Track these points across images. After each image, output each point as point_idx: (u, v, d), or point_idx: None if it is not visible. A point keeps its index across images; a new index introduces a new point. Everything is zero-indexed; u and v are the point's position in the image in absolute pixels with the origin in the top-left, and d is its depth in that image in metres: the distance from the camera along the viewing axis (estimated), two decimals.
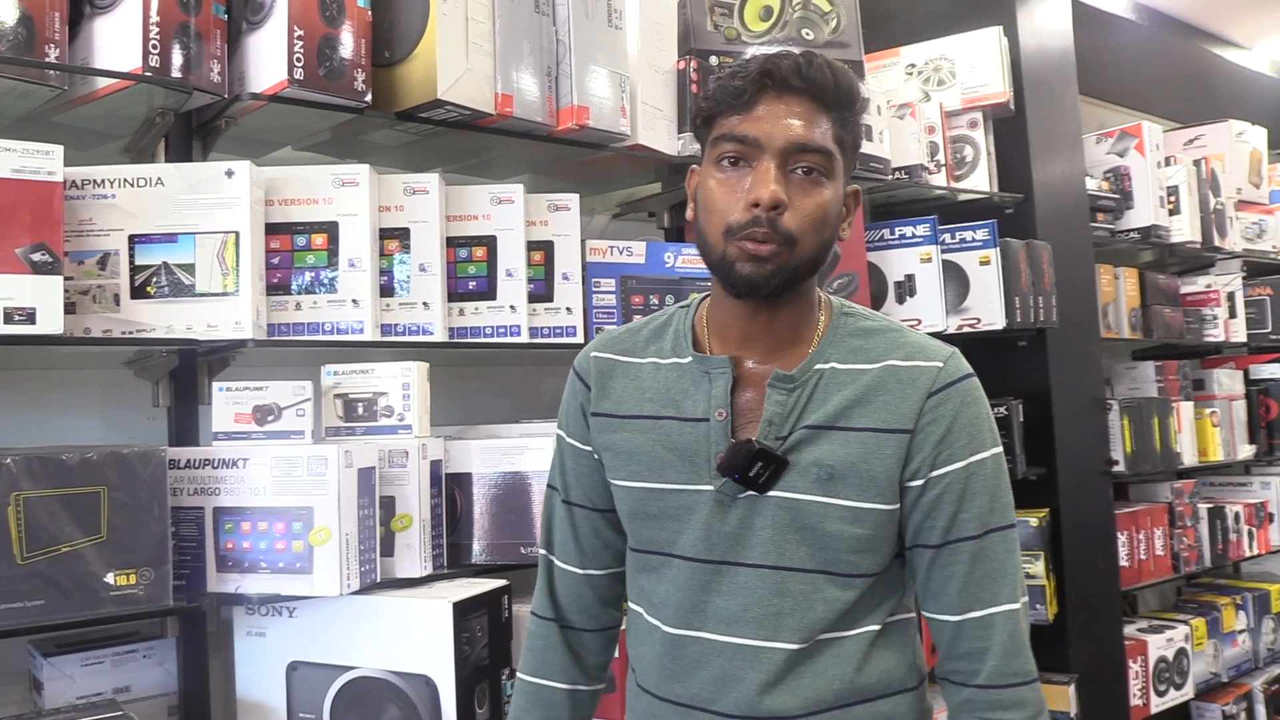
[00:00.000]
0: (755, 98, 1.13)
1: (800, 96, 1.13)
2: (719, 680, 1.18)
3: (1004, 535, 1.18)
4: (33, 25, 1.54)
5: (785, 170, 1.12)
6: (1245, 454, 3.78)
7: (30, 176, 1.50)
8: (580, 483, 1.33)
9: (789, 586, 1.16)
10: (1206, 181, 3.68)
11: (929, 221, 2.56)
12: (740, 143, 1.13)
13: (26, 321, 1.49)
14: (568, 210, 2.09)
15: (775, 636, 1.16)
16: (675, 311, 1.31)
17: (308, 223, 1.82)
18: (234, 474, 1.66)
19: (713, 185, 1.16)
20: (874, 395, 1.17)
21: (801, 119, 1.13)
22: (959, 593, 1.16)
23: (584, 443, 1.32)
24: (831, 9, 2.57)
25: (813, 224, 1.13)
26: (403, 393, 1.80)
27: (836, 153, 1.15)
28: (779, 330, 1.21)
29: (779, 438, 1.16)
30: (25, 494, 1.48)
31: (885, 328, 1.23)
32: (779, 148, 1.12)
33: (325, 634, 1.69)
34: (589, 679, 1.37)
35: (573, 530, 1.35)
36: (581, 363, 1.33)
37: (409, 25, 1.86)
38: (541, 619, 1.37)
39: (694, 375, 1.22)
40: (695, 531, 1.19)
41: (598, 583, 1.36)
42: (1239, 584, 3.90)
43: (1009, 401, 2.74)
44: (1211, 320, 3.78)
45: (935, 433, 1.16)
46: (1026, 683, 1.16)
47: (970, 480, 1.16)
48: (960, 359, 1.21)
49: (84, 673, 1.66)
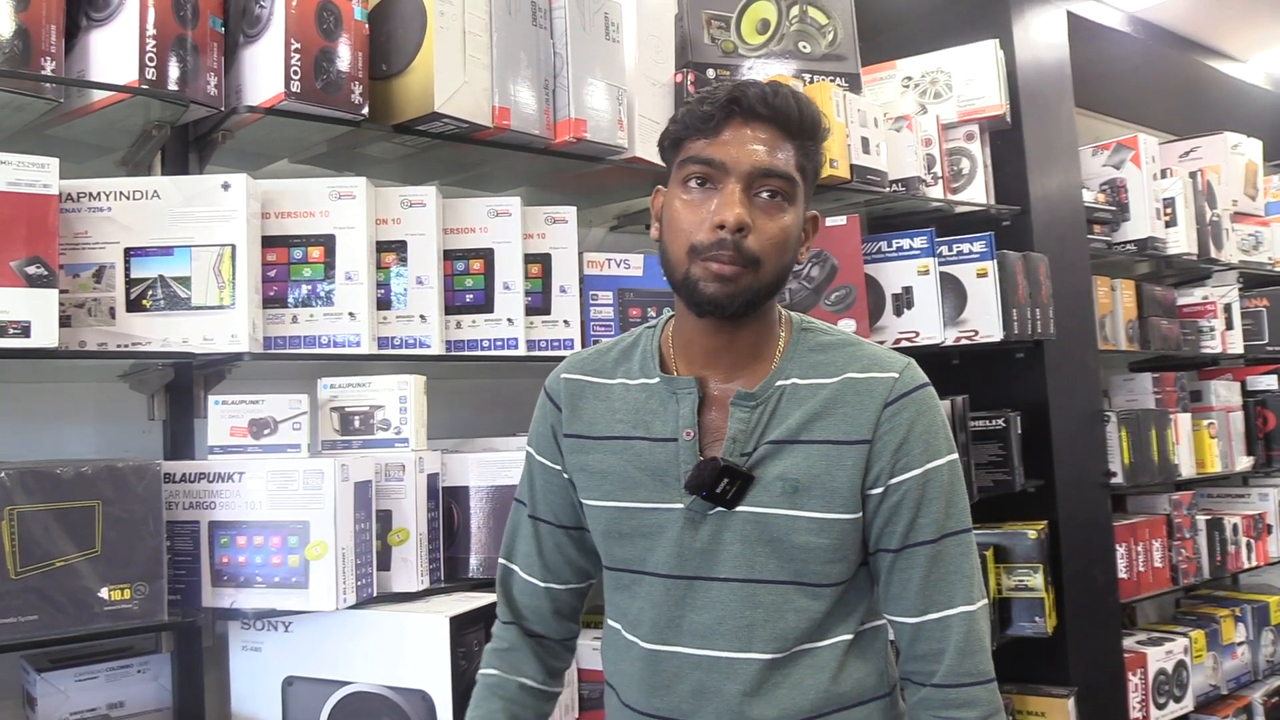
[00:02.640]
0: (722, 123, 1.17)
1: (766, 124, 1.17)
2: (698, 693, 1.22)
3: (959, 539, 1.21)
4: (29, 38, 1.54)
5: (749, 194, 1.17)
6: (1243, 465, 3.77)
7: (26, 189, 1.50)
8: (548, 500, 1.37)
9: (760, 598, 1.20)
10: (1202, 193, 3.69)
11: (926, 234, 2.56)
12: (707, 165, 1.17)
13: (21, 335, 1.48)
14: (565, 223, 2.09)
15: (750, 648, 1.20)
16: (642, 332, 1.34)
17: (304, 235, 1.81)
18: (229, 488, 1.66)
19: (679, 206, 1.19)
20: (833, 408, 1.21)
21: (766, 145, 1.17)
22: (917, 595, 1.20)
23: (553, 462, 1.36)
24: (828, 22, 2.58)
25: (775, 247, 1.17)
26: (400, 406, 1.80)
27: (799, 179, 1.20)
28: (741, 348, 1.24)
29: (744, 454, 1.20)
30: (19, 508, 1.47)
31: (843, 342, 1.27)
32: (744, 172, 1.16)
33: (321, 649, 1.68)
34: (548, 678, 1.40)
35: (537, 545, 1.39)
36: (552, 384, 1.37)
37: (406, 38, 1.86)
38: (506, 624, 1.41)
39: (661, 396, 1.26)
40: (667, 549, 1.23)
41: (557, 595, 1.40)
42: (1238, 596, 3.90)
43: (1007, 413, 2.74)
44: (1208, 332, 3.78)
45: (892, 441, 1.19)
46: (981, 682, 1.19)
47: (927, 486, 1.20)
48: (915, 369, 1.25)
49: (78, 688, 1.65)
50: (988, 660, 1.20)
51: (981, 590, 1.22)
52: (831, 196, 2.57)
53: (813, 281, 2.45)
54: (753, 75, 2.47)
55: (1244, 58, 4.10)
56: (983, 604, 1.21)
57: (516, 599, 1.40)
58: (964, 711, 1.18)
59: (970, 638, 1.19)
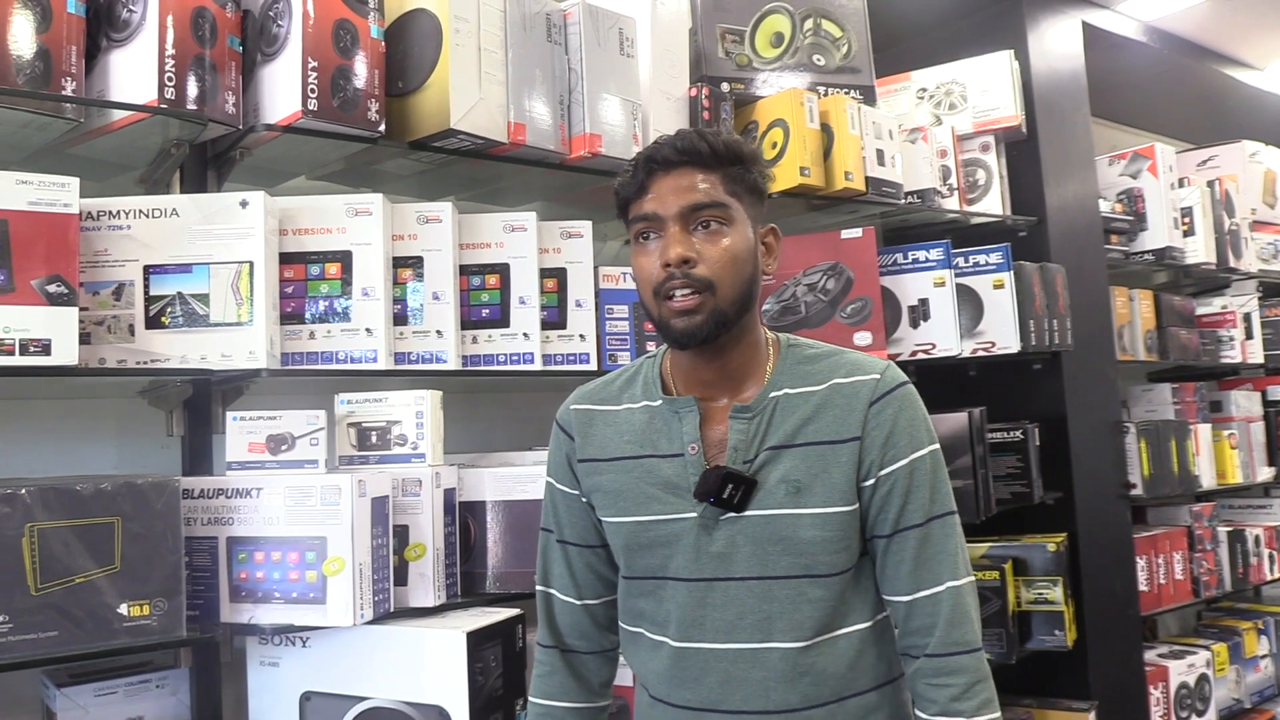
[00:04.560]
0: (646, 181, 1.30)
1: (682, 167, 1.29)
2: (725, 683, 1.31)
3: (944, 521, 1.32)
4: (50, 59, 1.56)
5: (688, 230, 1.29)
6: (1265, 476, 3.73)
7: (46, 209, 1.52)
8: (572, 524, 1.46)
9: (775, 593, 1.29)
10: (1220, 202, 3.66)
11: (942, 245, 2.56)
12: (647, 220, 1.30)
13: (42, 353, 1.50)
14: (580, 237, 2.09)
15: (770, 638, 1.29)
16: (644, 362, 1.45)
17: (321, 252, 1.82)
18: (247, 504, 1.66)
19: (638, 260, 1.32)
20: (823, 412, 1.32)
21: (688, 184, 1.29)
22: (909, 575, 1.31)
23: (571, 488, 1.44)
24: (842, 35, 2.58)
25: (724, 266, 1.28)
26: (416, 421, 1.80)
27: (732, 202, 1.30)
28: (732, 371, 1.35)
29: (746, 461, 1.31)
30: (39, 525, 1.48)
31: (828, 353, 1.38)
32: (675, 213, 1.28)
33: (339, 664, 1.68)
34: (593, 696, 1.49)
35: (568, 566, 1.47)
36: (563, 416, 1.46)
37: (422, 55, 1.87)
38: (546, 648, 1.49)
39: (665, 416, 1.36)
40: (685, 555, 1.32)
41: (595, 610, 1.48)
42: (1260, 608, 3.86)
43: (1025, 425, 2.72)
44: (1228, 341, 3.75)
45: (879, 436, 1.30)
46: (967, 651, 1.28)
47: (913, 475, 1.31)
48: (895, 370, 1.35)
49: (97, 703, 1.65)
50: (974, 631, 1.30)
51: (967, 567, 1.33)
52: (847, 209, 2.57)
53: (828, 294, 2.45)
54: (767, 89, 2.48)
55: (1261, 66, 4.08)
56: (968, 579, 1.32)
57: (558, 620, 1.48)
58: (953, 678, 1.27)
59: (957, 610, 1.29)
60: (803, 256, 2.46)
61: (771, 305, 2.47)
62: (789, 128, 2.36)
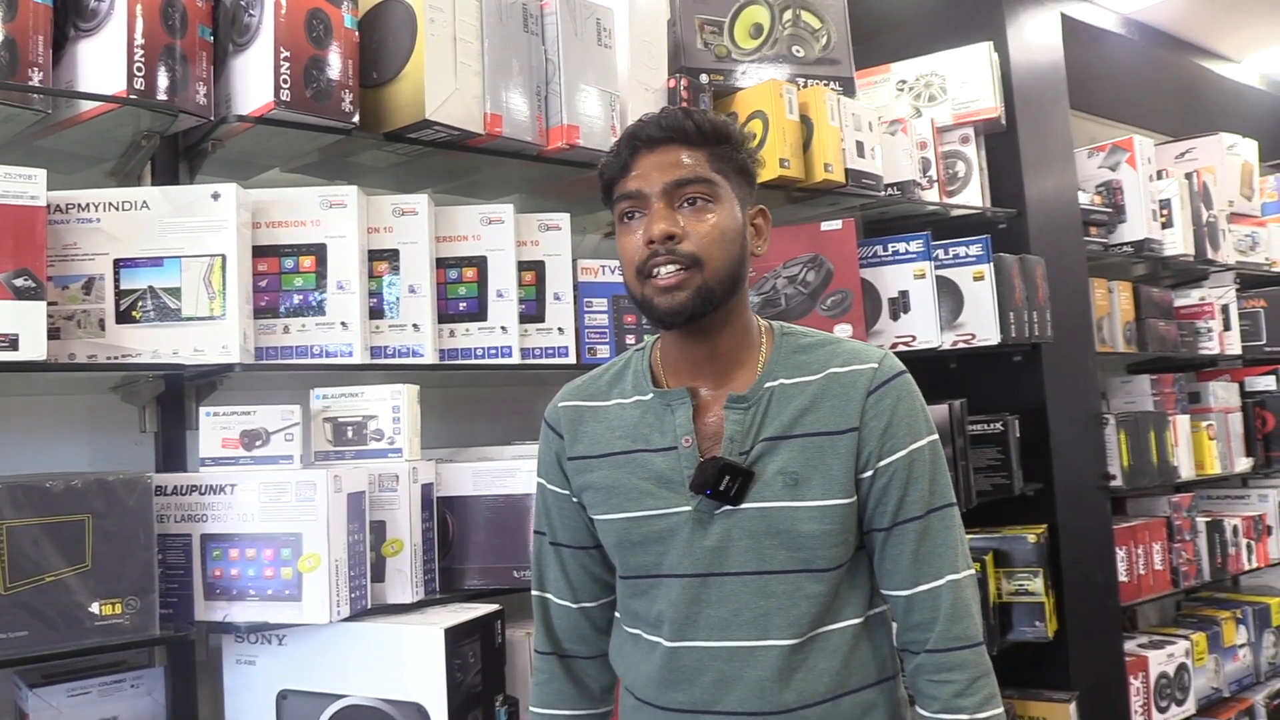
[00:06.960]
0: (630, 159, 1.28)
1: (667, 144, 1.27)
2: (719, 683, 1.28)
3: (944, 514, 1.30)
4: (15, 48, 1.53)
5: (674, 207, 1.26)
6: (1242, 467, 3.76)
7: (13, 201, 1.49)
8: (565, 525, 1.43)
9: (772, 588, 1.27)
10: (1198, 194, 3.68)
11: (922, 237, 2.55)
12: (631, 198, 1.28)
13: (9, 348, 1.47)
14: (559, 230, 2.08)
15: (766, 635, 1.26)
16: (632, 355, 1.42)
17: (296, 245, 1.80)
18: (221, 500, 1.64)
19: (621, 241, 1.30)
20: (821, 402, 1.29)
21: (673, 161, 1.27)
22: (908, 569, 1.28)
23: (563, 488, 1.42)
24: (821, 26, 2.57)
25: (711, 242, 1.25)
26: (393, 415, 1.78)
27: (718, 179, 1.28)
28: (723, 357, 1.32)
29: (742, 453, 1.28)
30: (9, 523, 1.46)
31: (823, 341, 1.35)
32: (660, 190, 1.26)
33: (316, 662, 1.66)
34: (594, 703, 1.48)
35: (562, 569, 1.45)
36: (551, 414, 1.44)
37: (397, 46, 1.85)
38: (543, 654, 1.47)
39: (657, 409, 1.33)
40: (679, 550, 1.29)
41: (592, 613, 1.46)
42: (1239, 598, 3.89)
43: (1005, 417, 2.72)
44: (1206, 333, 3.77)
45: (878, 427, 1.28)
46: (969, 646, 1.26)
47: (912, 466, 1.28)
48: (893, 359, 1.33)
49: (70, 704, 1.63)
50: (975, 625, 1.28)
51: (967, 560, 1.30)
52: (827, 200, 2.56)
53: (808, 286, 2.44)
54: (746, 80, 2.47)
55: (1238, 58, 4.11)
56: (969, 573, 1.29)
57: (555, 625, 1.46)
58: (954, 674, 1.25)
59: (958, 604, 1.27)
60: (783, 249, 2.45)
61: (751, 298, 2.46)
62: (768, 119, 2.35)
